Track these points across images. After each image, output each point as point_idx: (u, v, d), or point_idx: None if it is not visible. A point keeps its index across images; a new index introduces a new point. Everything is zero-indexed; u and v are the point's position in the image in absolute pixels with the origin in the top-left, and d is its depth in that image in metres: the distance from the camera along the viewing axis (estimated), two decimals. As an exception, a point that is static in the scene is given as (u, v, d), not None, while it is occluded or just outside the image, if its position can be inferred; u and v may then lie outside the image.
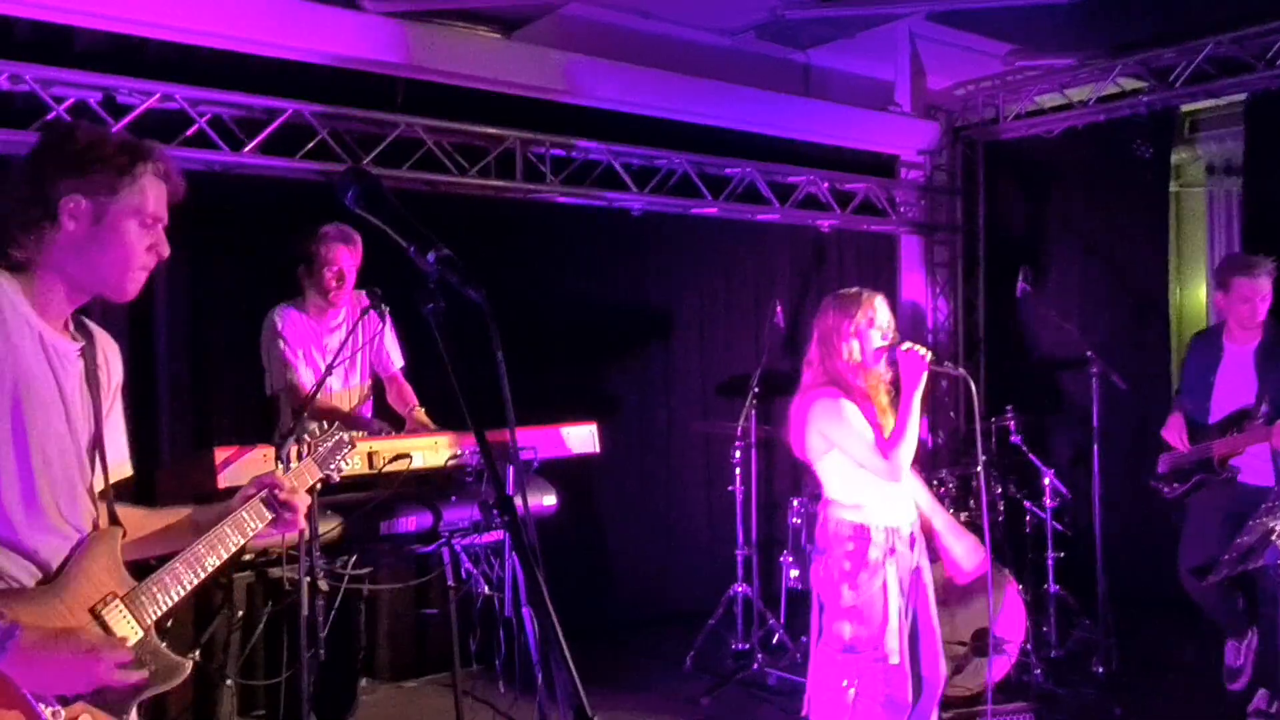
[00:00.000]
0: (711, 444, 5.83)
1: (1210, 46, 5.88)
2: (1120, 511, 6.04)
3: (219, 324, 4.79)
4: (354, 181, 1.56)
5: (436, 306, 1.47)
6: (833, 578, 3.37)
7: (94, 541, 1.86)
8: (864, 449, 3.31)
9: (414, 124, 5.18)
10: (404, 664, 5.32)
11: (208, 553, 1.97)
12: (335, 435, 2.59)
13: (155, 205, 1.85)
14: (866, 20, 6.00)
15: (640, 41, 5.88)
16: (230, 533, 2.01)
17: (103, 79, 4.39)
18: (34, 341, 1.80)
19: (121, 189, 1.81)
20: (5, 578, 1.75)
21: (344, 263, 3.91)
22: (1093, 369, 5.27)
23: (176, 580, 1.93)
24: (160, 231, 1.87)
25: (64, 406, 1.83)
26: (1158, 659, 5.45)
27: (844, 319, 3.39)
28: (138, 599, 1.87)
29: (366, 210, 1.56)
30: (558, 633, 1.32)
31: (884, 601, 3.28)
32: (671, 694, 5.05)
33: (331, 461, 2.51)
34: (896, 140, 7.11)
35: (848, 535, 3.35)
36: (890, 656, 3.26)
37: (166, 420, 4.60)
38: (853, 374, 3.39)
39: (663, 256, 6.32)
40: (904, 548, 3.36)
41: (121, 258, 1.83)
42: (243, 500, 2.05)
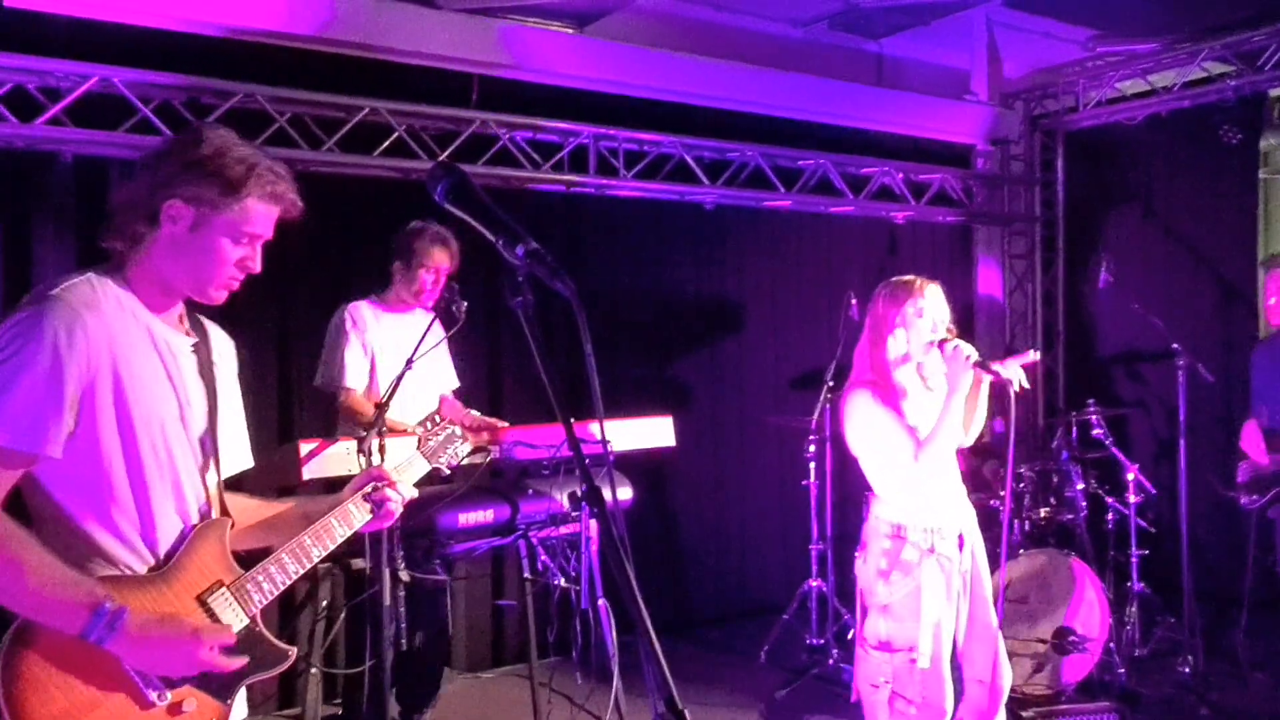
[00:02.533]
0: (785, 438, 5.74)
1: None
2: (1206, 508, 5.83)
3: (300, 320, 4.84)
4: (444, 176, 1.53)
5: (525, 300, 1.43)
6: (870, 574, 3.27)
7: (204, 530, 1.89)
8: (891, 449, 3.19)
9: (488, 120, 5.18)
10: (481, 655, 5.34)
11: (314, 544, 2.00)
12: (448, 428, 2.61)
13: (256, 225, 1.85)
14: (942, 8, 5.85)
15: (711, 33, 5.81)
16: (336, 524, 2.03)
17: (187, 80, 4.45)
18: (143, 335, 1.82)
19: (224, 206, 1.81)
20: (118, 564, 1.79)
21: (441, 264, 3.89)
22: (1179, 362, 5.08)
23: (283, 570, 1.95)
24: (256, 248, 1.87)
25: (177, 397, 1.86)
26: (1243, 657, 5.24)
27: (893, 308, 3.24)
28: (244, 587, 1.89)
29: (456, 204, 1.53)
30: (648, 625, 1.28)
31: (918, 602, 3.15)
32: (745, 688, 5.00)
33: (442, 454, 2.54)
34: (972, 129, 6.93)
35: (885, 533, 3.24)
36: (921, 659, 3.13)
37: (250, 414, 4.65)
38: (896, 367, 3.25)
39: (735, 250, 6.25)
40: (948, 548, 3.20)
41: (209, 269, 1.85)
42: (352, 491, 2.07)
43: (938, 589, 3.18)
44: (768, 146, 6.05)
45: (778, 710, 4.76)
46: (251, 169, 1.81)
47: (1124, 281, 5.94)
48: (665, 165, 5.78)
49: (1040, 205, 7.18)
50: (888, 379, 3.26)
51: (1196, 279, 6.39)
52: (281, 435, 4.67)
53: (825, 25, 6.11)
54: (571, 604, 4.00)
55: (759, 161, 6.02)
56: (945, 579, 3.20)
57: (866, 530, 3.37)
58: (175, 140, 1.90)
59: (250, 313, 4.77)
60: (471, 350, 5.13)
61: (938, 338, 3.22)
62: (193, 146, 1.82)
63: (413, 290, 3.93)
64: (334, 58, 4.84)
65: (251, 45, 4.66)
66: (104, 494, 1.77)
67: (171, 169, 1.81)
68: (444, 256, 3.88)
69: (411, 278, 3.91)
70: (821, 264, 6.52)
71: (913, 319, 3.22)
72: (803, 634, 5.36)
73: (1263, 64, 5.86)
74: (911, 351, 3.25)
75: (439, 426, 2.60)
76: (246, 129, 4.42)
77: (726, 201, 6.02)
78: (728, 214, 6.11)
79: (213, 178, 1.80)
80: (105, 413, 1.76)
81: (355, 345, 3.88)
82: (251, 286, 4.85)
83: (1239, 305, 6.30)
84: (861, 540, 3.42)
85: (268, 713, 4.66)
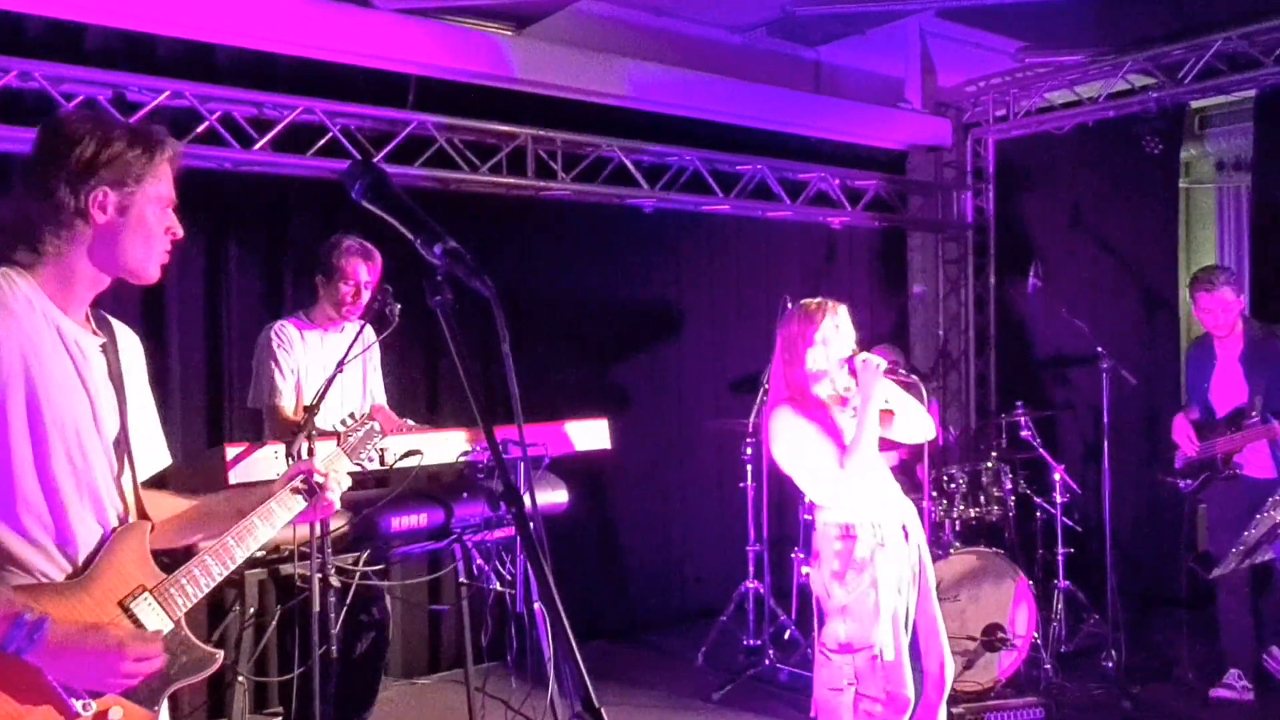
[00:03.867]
0: (723, 441, 5.76)
1: (1219, 43, 5.79)
2: (1130, 507, 5.97)
3: (230, 319, 4.73)
4: (361, 174, 1.50)
5: (444, 299, 1.41)
6: (824, 579, 3.36)
7: (122, 534, 1.83)
8: (818, 460, 3.32)
9: (425, 121, 5.12)
10: (417, 661, 5.27)
11: (236, 544, 1.95)
12: (366, 425, 2.59)
13: (167, 188, 1.85)
14: (877, 17, 5.93)
15: (651, 38, 5.81)
16: (259, 524, 1.98)
17: (113, 76, 4.33)
18: (53, 335, 1.77)
19: (145, 177, 1.80)
20: (33, 572, 1.73)
21: (362, 278, 3.80)
22: (1103, 365, 5.20)
23: (206, 572, 1.90)
24: (172, 213, 1.87)
25: (89, 398, 1.81)
26: (1166, 654, 5.37)
27: (807, 328, 3.41)
28: (167, 591, 1.84)
29: (373, 203, 1.50)
30: (565, 626, 1.26)
31: (875, 598, 3.24)
32: (683, 690, 5.00)
33: (362, 451, 2.51)
34: (907, 137, 7.03)
35: (835, 535, 3.34)
36: (885, 652, 3.22)
37: (179, 417, 4.55)
38: (814, 382, 3.41)
39: (674, 254, 6.26)
40: (895, 541, 3.32)
41: (147, 246, 1.83)
42: (285, 482, 2.03)
43: (891, 582, 3.28)
44: (706, 151, 6.07)
45: (715, 711, 4.76)
46: (148, 140, 1.81)
47: (1052, 286, 6.07)
48: (604, 168, 5.77)
49: (972, 211, 7.30)
50: (806, 394, 3.40)
51: (1121, 284, 6.54)
52: (211, 440, 4.57)
53: (764, 32, 6.15)
54: (507, 608, 3.96)
55: (698, 166, 6.04)
56: (896, 572, 3.30)
57: (815, 538, 3.46)
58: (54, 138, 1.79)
59: (181, 317, 4.67)
60: (410, 352, 5.07)
61: (848, 354, 3.38)
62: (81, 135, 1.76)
63: (335, 303, 3.84)
64: (267, 56, 4.75)
65: (181, 42, 4.56)
66: (15, 499, 1.71)
67: (81, 163, 1.75)
68: (363, 269, 3.79)
69: (333, 291, 3.82)
70: (759, 268, 6.55)
71: (824, 338, 3.38)
72: (740, 635, 5.37)
73: (1183, 76, 6.02)
74: (827, 368, 3.40)
75: (358, 423, 2.58)
76: (174, 127, 4.35)
77: (665, 205, 6.02)
78: (667, 218, 6.11)
79: (120, 158, 1.77)
80: (16, 415, 1.70)
81: (282, 365, 3.79)
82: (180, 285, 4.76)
83: (1162, 310, 6.46)
84: (812, 549, 3.51)
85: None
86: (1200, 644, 5.15)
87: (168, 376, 4.53)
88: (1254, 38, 5.69)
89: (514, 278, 5.47)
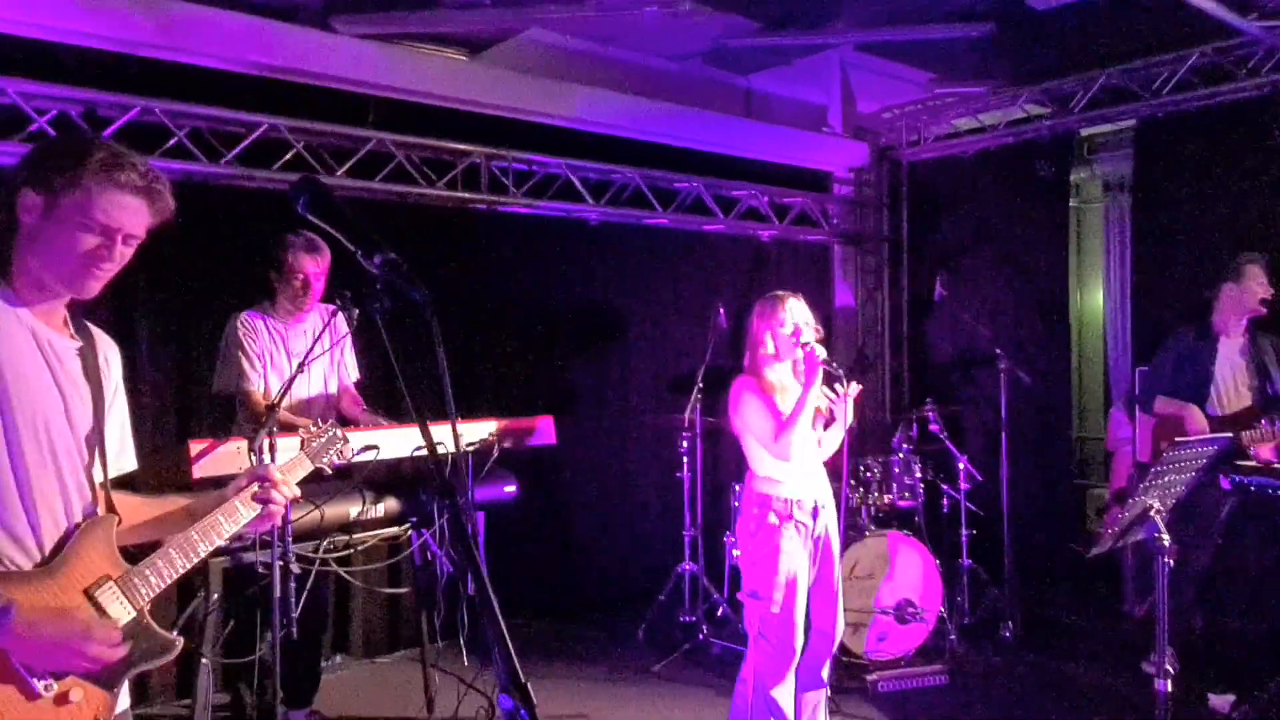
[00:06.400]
0: (662, 435, 5.76)
1: (1104, 77, 5.94)
2: (1025, 493, 6.09)
3: (199, 328, 4.61)
4: (305, 189, 1.47)
5: (382, 306, 1.38)
6: (742, 535, 3.55)
7: (89, 527, 1.79)
8: (760, 430, 3.47)
9: (384, 139, 5.04)
10: (377, 641, 5.19)
11: (200, 539, 1.90)
12: (330, 430, 2.54)
13: (103, 213, 1.71)
14: (801, 49, 5.97)
15: (596, 65, 5.79)
16: (222, 521, 1.93)
17: (84, 93, 4.21)
18: (25, 336, 1.73)
19: (62, 187, 1.70)
20: (3, 560, 1.68)
21: (310, 270, 3.75)
22: (1001, 366, 5.30)
23: (170, 564, 1.85)
24: (114, 240, 1.74)
25: (62, 398, 1.76)
26: (1058, 624, 5.50)
27: (765, 318, 3.58)
28: (130, 581, 1.80)
29: (316, 215, 1.47)
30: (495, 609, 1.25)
31: (775, 559, 3.41)
32: (625, 664, 4.99)
33: (324, 455, 2.47)
34: (829, 159, 7.09)
35: (754, 501, 3.51)
36: (774, 605, 3.39)
37: (150, 419, 4.43)
38: (767, 365, 3.56)
39: (618, 263, 6.25)
40: (803, 516, 3.47)
41: (66, 258, 1.72)
42: (236, 490, 1.97)
43: (794, 550, 3.43)
44: (647, 169, 6.07)
45: (654, 683, 4.76)
46: (81, 154, 1.71)
47: (958, 295, 6.17)
48: (553, 184, 5.74)
49: (889, 227, 7.39)
50: (762, 375, 3.56)
51: (1019, 293, 6.66)
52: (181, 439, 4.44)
53: (699, 61, 6.16)
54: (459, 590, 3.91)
55: (639, 183, 6.04)
56: (800, 542, 3.45)
57: (741, 502, 3.64)
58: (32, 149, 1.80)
59: (152, 322, 4.55)
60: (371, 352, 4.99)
61: (803, 340, 3.51)
62: (42, 146, 1.74)
63: (290, 297, 3.78)
64: (236, 76, 4.64)
65: (151, 61, 4.43)
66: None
67: (24, 163, 1.73)
68: (311, 261, 3.74)
69: (285, 286, 3.77)
70: (695, 277, 6.56)
71: (779, 326, 3.54)
72: (677, 613, 5.37)
73: (1073, 106, 6.16)
74: (780, 353, 3.55)
75: (322, 429, 2.54)
76: (145, 142, 4.25)
77: (610, 219, 6.00)
78: (611, 231, 6.10)
79: (49, 162, 1.72)
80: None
81: (250, 351, 3.73)
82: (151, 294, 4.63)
83: (1055, 316, 6.59)
84: (739, 508, 3.70)
85: (166, 703, 4.44)
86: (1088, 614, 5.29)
87: (139, 380, 4.41)
88: (1133, 73, 5.84)
89: (469, 286, 5.41)
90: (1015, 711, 4.35)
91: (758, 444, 3.51)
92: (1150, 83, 5.81)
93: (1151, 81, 5.80)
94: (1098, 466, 7.56)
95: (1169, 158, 5.89)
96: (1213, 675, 4.22)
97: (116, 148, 1.76)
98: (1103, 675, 4.71)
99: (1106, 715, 4.18)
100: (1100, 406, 7.74)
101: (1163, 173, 5.94)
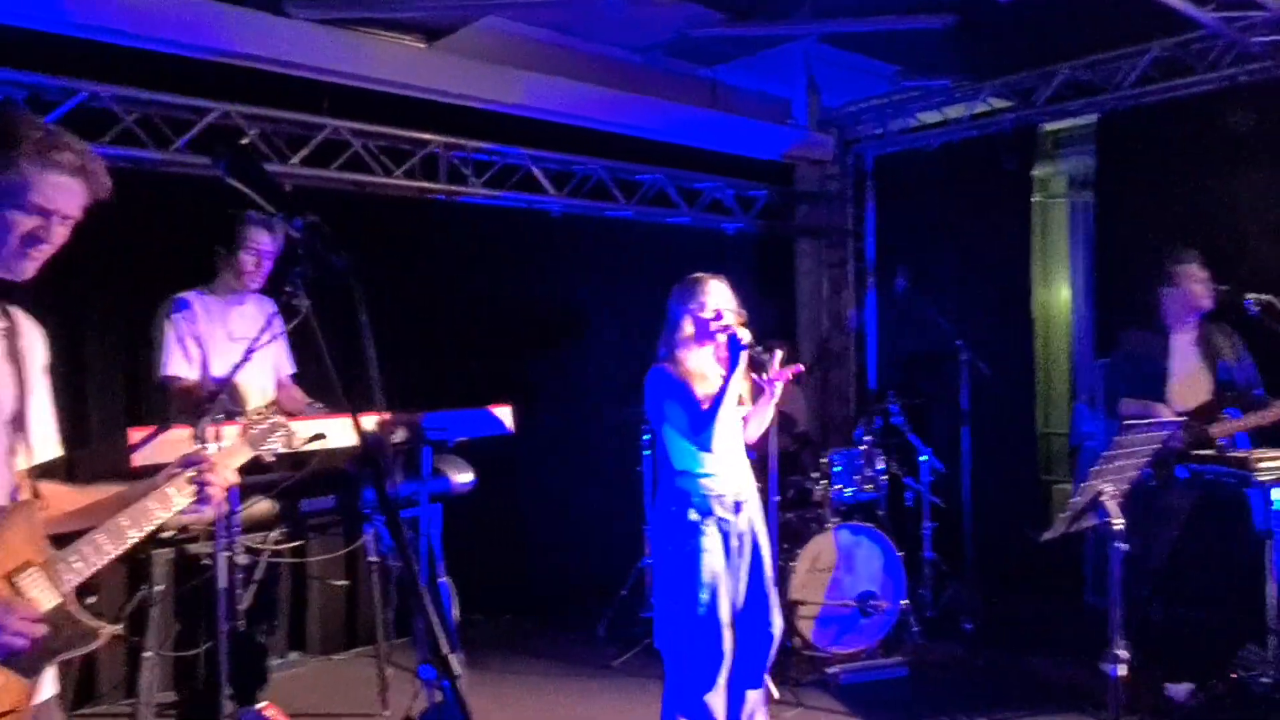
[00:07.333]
0: (622, 429, 5.74)
1: (1066, 71, 5.99)
2: (988, 487, 6.13)
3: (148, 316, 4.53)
4: (225, 153, 1.44)
5: (303, 270, 1.35)
6: (658, 535, 3.40)
7: (12, 512, 1.74)
8: (677, 421, 3.32)
9: (341, 127, 4.99)
10: (334, 638, 5.13)
11: (130, 525, 1.85)
12: (271, 418, 2.50)
13: (39, 194, 1.70)
14: (765, 40, 5.97)
15: (557, 54, 5.76)
16: (152, 506, 1.88)
17: (29, 76, 4.12)
18: None
19: (0, 171, 1.67)
20: None
21: (262, 245, 3.68)
22: (962, 358, 5.34)
23: (97, 550, 1.81)
24: (49, 222, 1.71)
25: None
26: (1019, 616, 5.55)
27: (684, 300, 3.42)
28: (55, 567, 1.76)
29: (237, 178, 1.44)
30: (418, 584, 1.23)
31: (697, 558, 3.26)
32: (586, 660, 4.98)
33: (264, 442, 2.42)
34: (794, 151, 7.11)
35: (671, 498, 3.35)
36: (699, 608, 3.24)
37: (95, 407, 4.34)
38: (685, 349, 3.38)
39: (581, 255, 6.22)
40: (725, 512, 3.33)
41: (2, 237, 1.69)
42: (168, 476, 1.92)
43: (715, 548, 3.29)
44: (610, 160, 6.05)
45: (614, 677, 4.75)
46: (23, 135, 1.69)
47: (920, 288, 6.20)
48: (514, 174, 5.71)
49: (853, 220, 7.42)
50: (680, 361, 3.38)
51: (981, 287, 6.70)
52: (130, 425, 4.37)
53: (662, 51, 6.15)
54: (415, 584, 3.86)
55: (601, 174, 6.02)
56: (722, 539, 3.31)
57: (657, 499, 3.48)
58: None
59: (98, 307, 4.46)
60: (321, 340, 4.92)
61: (723, 324, 3.33)
62: None
63: (236, 274, 3.71)
64: (187, 60, 4.56)
65: (98, 45, 4.34)
66: None
67: None
68: (263, 237, 3.68)
69: (233, 261, 3.70)
70: (658, 269, 6.52)
71: (698, 309, 3.37)
72: (637, 608, 5.36)
73: (1035, 100, 6.22)
74: (699, 337, 3.38)
75: (263, 415, 2.49)
76: (92, 128, 4.17)
77: (572, 210, 5.98)
78: (574, 222, 6.07)
79: None
80: None
81: (183, 334, 3.64)
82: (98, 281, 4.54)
83: (1017, 310, 6.64)
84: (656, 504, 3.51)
85: (114, 701, 4.35)
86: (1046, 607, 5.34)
87: (84, 367, 4.32)
88: (1096, 67, 5.91)
89: (427, 276, 5.36)
90: (976, 703, 4.38)
91: (676, 435, 3.36)
92: (1112, 76, 5.87)
93: (1113, 75, 5.86)
94: (1062, 461, 7.63)
95: (1130, 152, 5.96)
96: (1170, 666, 4.27)
97: (51, 127, 1.74)
98: (1063, 668, 4.75)
99: (1066, 707, 4.21)
100: (1065, 402, 7.82)
101: (1124, 167, 6.01)
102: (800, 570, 4.66)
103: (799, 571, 4.65)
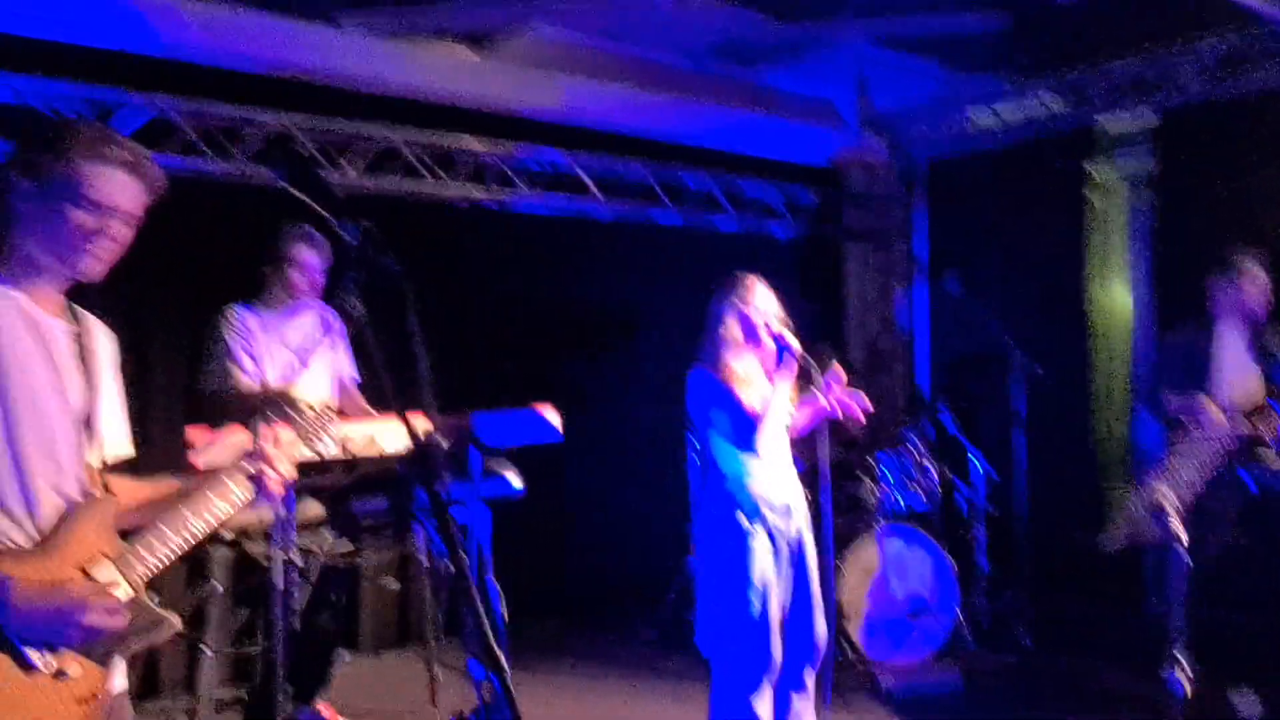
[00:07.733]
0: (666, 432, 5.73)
1: (1122, 67, 5.87)
2: (1043, 493, 6.01)
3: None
4: (285, 162, 1.48)
5: (358, 276, 1.39)
6: (707, 538, 3.35)
7: (87, 507, 1.81)
8: (724, 426, 3.27)
9: (393, 135, 5.08)
10: (386, 637, 5.22)
11: (193, 516, 1.89)
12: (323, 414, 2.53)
13: (95, 190, 1.77)
14: (814, 42, 5.94)
15: (603, 59, 5.78)
16: (214, 499, 1.92)
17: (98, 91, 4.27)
18: (18, 317, 1.76)
19: (54, 168, 1.75)
20: (2, 539, 1.71)
21: (305, 258, 3.71)
22: (1016, 361, 5.26)
23: (164, 541, 1.86)
24: (109, 221, 1.78)
25: (59, 378, 1.79)
26: (1077, 625, 5.43)
27: (726, 301, 3.35)
28: (126, 559, 1.81)
29: (292, 184, 1.48)
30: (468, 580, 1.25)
31: (747, 561, 3.22)
32: (632, 662, 4.99)
33: (316, 435, 2.45)
34: (845, 153, 7.06)
35: (719, 501, 3.31)
36: (750, 611, 3.21)
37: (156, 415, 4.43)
38: (729, 352, 3.31)
39: (628, 260, 6.25)
40: (775, 516, 3.29)
41: (60, 238, 1.77)
42: (230, 469, 1.98)
43: (764, 553, 3.26)
44: (658, 164, 6.08)
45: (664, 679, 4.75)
46: (69, 134, 1.77)
47: (973, 290, 6.12)
48: (562, 180, 5.76)
49: (904, 224, 7.34)
50: (724, 364, 3.32)
51: (1034, 288, 6.58)
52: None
53: (708, 55, 6.15)
54: (465, 585, 3.91)
55: (649, 178, 6.05)
56: (772, 544, 3.28)
57: (702, 502, 3.45)
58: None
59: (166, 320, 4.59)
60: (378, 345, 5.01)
61: (763, 329, 3.30)
62: (34, 129, 1.79)
63: (285, 287, 3.74)
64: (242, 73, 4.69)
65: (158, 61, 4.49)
66: None
67: (14, 151, 1.77)
68: (309, 252, 3.70)
69: (281, 275, 3.74)
70: (707, 275, 6.52)
71: (743, 310, 3.32)
72: (684, 610, 5.33)
73: (1091, 98, 6.10)
74: (744, 339, 3.33)
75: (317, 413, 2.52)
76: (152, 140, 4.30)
77: (620, 215, 6.01)
78: (622, 227, 6.11)
79: (42, 145, 1.76)
80: None
81: (237, 349, 3.67)
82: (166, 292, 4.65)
83: (1071, 312, 6.50)
84: (698, 514, 3.50)
85: (176, 696, 4.47)
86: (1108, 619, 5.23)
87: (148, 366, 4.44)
88: (1154, 63, 5.78)
89: (475, 280, 5.44)
90: (1032, 715, 4.30)
91: (722, 440, 3.31)
92: (1171, 73, 5.74)
93: (1172, 72, 5.73)
94: (1120, 467, 7.46)
95: (1191, 150, 5.82)
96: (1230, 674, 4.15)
97: (101, 126, 1.83)
98: (1122, 678, 4.65)
99: (1127, 719, 4.12)
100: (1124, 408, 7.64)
101: (1185, 166, 5.87)
102: (848, 575, 4.62)
103: (846, 576, 4.61)
